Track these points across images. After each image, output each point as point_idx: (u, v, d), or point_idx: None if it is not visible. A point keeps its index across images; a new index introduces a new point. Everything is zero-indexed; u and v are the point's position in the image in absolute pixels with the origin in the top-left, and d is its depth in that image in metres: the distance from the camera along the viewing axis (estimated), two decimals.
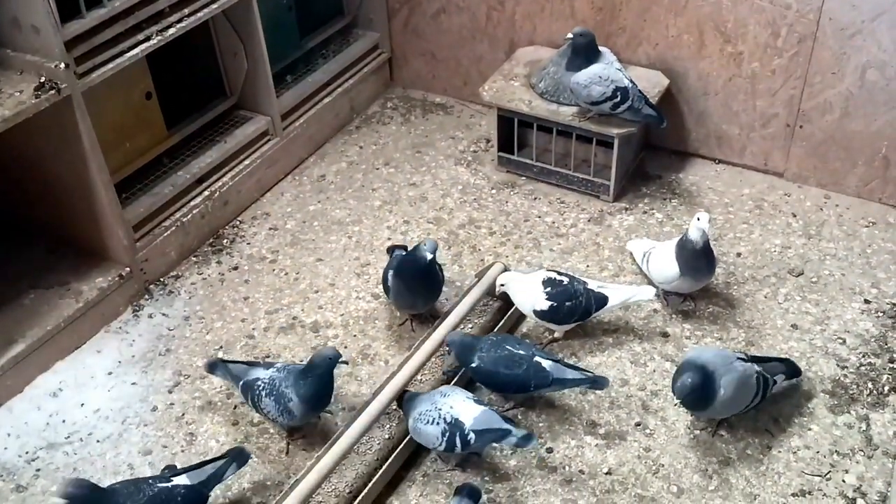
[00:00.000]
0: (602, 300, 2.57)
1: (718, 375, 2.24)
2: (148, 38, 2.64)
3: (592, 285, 2.60)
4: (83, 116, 2.51)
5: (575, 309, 2.56)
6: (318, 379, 2.31)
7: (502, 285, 2.66)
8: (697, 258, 2.60)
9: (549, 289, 2.57)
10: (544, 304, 2.57)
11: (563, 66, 3.04)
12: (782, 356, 2.53)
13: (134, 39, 2.60)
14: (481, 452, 2.36)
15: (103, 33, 2.52)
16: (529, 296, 2.60)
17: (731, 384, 2.24)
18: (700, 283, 2.70)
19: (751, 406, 2.32)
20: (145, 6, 2.60)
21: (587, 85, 2.93)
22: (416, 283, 2.63)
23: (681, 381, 2.21)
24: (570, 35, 2.95)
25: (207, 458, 2.38)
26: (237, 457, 2.22)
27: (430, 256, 2.52)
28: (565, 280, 2.59)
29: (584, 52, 2.96)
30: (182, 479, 2.14)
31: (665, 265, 2.65)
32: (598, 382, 2.38)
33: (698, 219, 2.54)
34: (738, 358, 2.32)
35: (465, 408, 2.25)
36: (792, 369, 2.44)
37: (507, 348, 2.41)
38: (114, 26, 2.54)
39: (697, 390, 2.21)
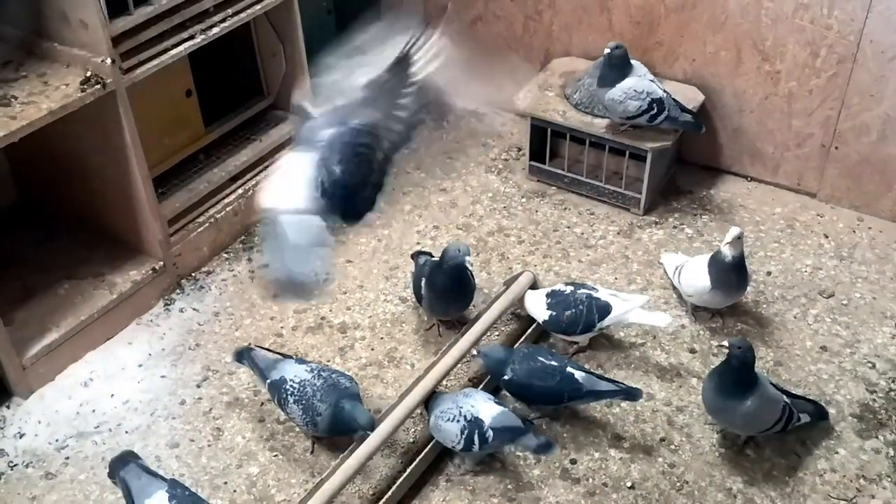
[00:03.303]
0: (605, 308, 2.56)
1: (758, 384, 2.25)
2: (192, 37, 2.67)
3: (602, 293, 2.59)
4: (126, 111, 2.55)
5: (576, 318, 2.56)
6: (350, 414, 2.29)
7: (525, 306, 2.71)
8: (729, 272, 2.60)
9: (550, 300, 2.60)
10: (546, 315, 2.59)
11: (596, 83, 3.04)
12: (813, 391, 2.52)
13: (178, 38, 2.64)
14: (500, 455, 2.37)
15: (149, 30, 2.55)
16: (537, 308, 2.63)
17: (761, 399, 2.24)
18: (731, 298, 2.69)
19: (768, 430, 2.31)
20: (190, 5, 2.64)
21: (623, 100, 2.94)
22: (450, 289, 2.63)
23: (738, 338, 2.29)
24: (607, 49, 2.95)
25: (233, 453, 2.43)
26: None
27: (469, 260, 2.53)
28: (568, 290, 2.61)
29: (618, 67, 2.96)
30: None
31: (696, 277, 2.65)
32: (631, 394, 2.38)
33: (730, 233, 2.56)
34: (771, 383, 2.33)
35: (485, 407, 2.28)
36: (819, 412, 2.42)
37: (540, 360, 2.42)
38: (159, 24, 2.57)
39: (749, 362, 2.22)
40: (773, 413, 2.28)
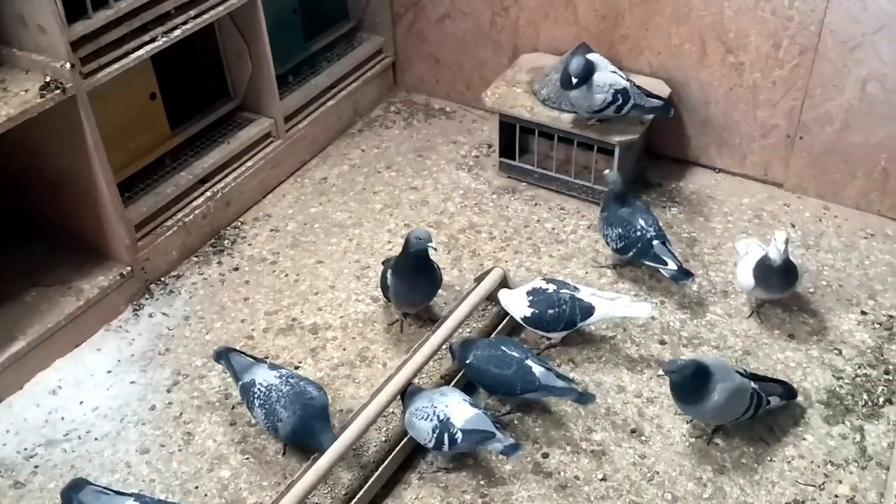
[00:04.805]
0: (588, 309, 2.56)
1: (716, 380, 2.26)
2: (153, 40, 2.65)
3: (584, 293, 2.60)
4: (88, 116, 2.53)
5: (559, 316, 2.56)
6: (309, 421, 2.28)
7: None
8: (773, 274, 2.59)
9: (532, 297, 2.60)
10: (527, 311, 2.59)
11: (560, 85, 3.03)
12: (781, 378, 2.53)
13: (139, 40, 2.62)
14: (472, 453, 2.38)
15: (109, 34, 2.53)
16: (517, 304, 2.63)
17: (724, 392, 2.25)
18: (773, 295, 2.69)
19: (739, 419, 2.34)
20: (151, 7, 2.62)
21: (586, 96, 2.95)
22: (415, 275, 2.63)
23: (678, 360, 2.26)
24: (574, 80, 2.91)
25: (204, 457, 2.42)
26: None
27: (431, 245, 2.54)
28: (551, 288, 2.60)
29: (584, 78, 2.94)
30: None
31: (744, 274, 2.67)
32: (584, 398, 2.39)
33: (775, 238, 2.55)
34: (737, 371, 2.34)
35: (458, 408, 2.29)
36: (788, 392, 2.44)
37: (502, 349, 2.44)
38: (120, 27, 2.55)
39: (689, 376, 2.23)
40: (741, 403, 2.30)
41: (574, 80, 2.91)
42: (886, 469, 2.32)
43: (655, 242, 2.77)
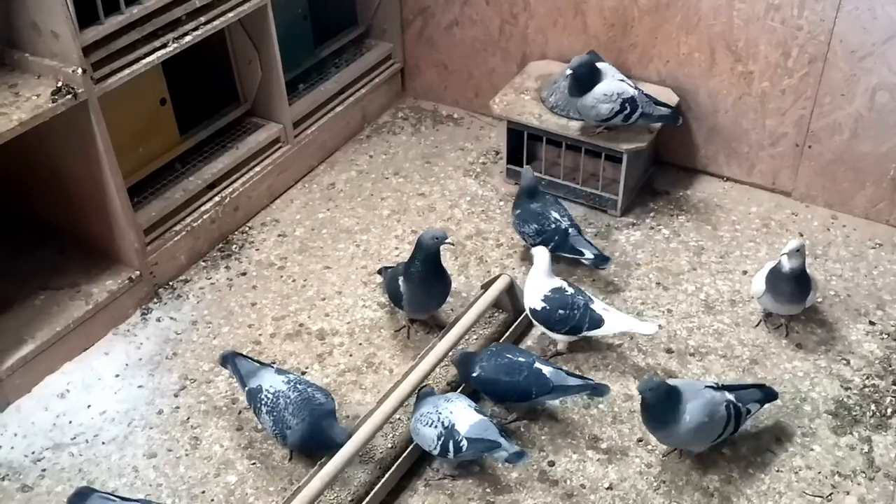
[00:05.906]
0: (596, 321, 2.56)
1: (685, 399, 2.22)
2: (164, 45, 2.67)
3: (597, 306, 2.60)
4: (99, 121, 2.55)
5: (566, 319, 2.57)
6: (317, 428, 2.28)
7: (532, 254, 2.68)
8: (783, 282, 2.58)
9: (549, 292, 2.60)
10: (538, 304, 2.60)
11: (568, 92, 3.04)
12: (757, 382, 2.50)
13: (150, 46, 2.64)
14: (478, 460, 2.38)
15: (120, 40, 2.55)
16: (535, 291, 2.62)
17: (696, 409, 2.21)
18: (785, 308, 2.66)
19: (722, 436, 2.29)
20: (162, 14, 2.64)
21: (594, 105, 2.95)
22: (428, 281, 2.62)
23: (646, 380, 2.23)
24: (568, 71, 2.94)
25: (211, 462, 2.42)
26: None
27: (449, 242, 2.55)
28: (569, 291, 2.61)
29: (585, 80, 2.96)
30: None
31: (757, 280, 2.67)
32: (598, 390, 2.40)
33: (787, 244, 2.54)
34: (708, 386, 2.30)
35: (463, 415, 2.29)
36: (768, 395, 2.38)
37: (507, 356, 2.44)
38: (131, 33, 2.57)
39: (663, 395, 2.20)
40: (718, 417, 2.23)
41: (567, 72, 2.93)
42: (894, 481, 2.31)
43: (571, 231, 2.85)
